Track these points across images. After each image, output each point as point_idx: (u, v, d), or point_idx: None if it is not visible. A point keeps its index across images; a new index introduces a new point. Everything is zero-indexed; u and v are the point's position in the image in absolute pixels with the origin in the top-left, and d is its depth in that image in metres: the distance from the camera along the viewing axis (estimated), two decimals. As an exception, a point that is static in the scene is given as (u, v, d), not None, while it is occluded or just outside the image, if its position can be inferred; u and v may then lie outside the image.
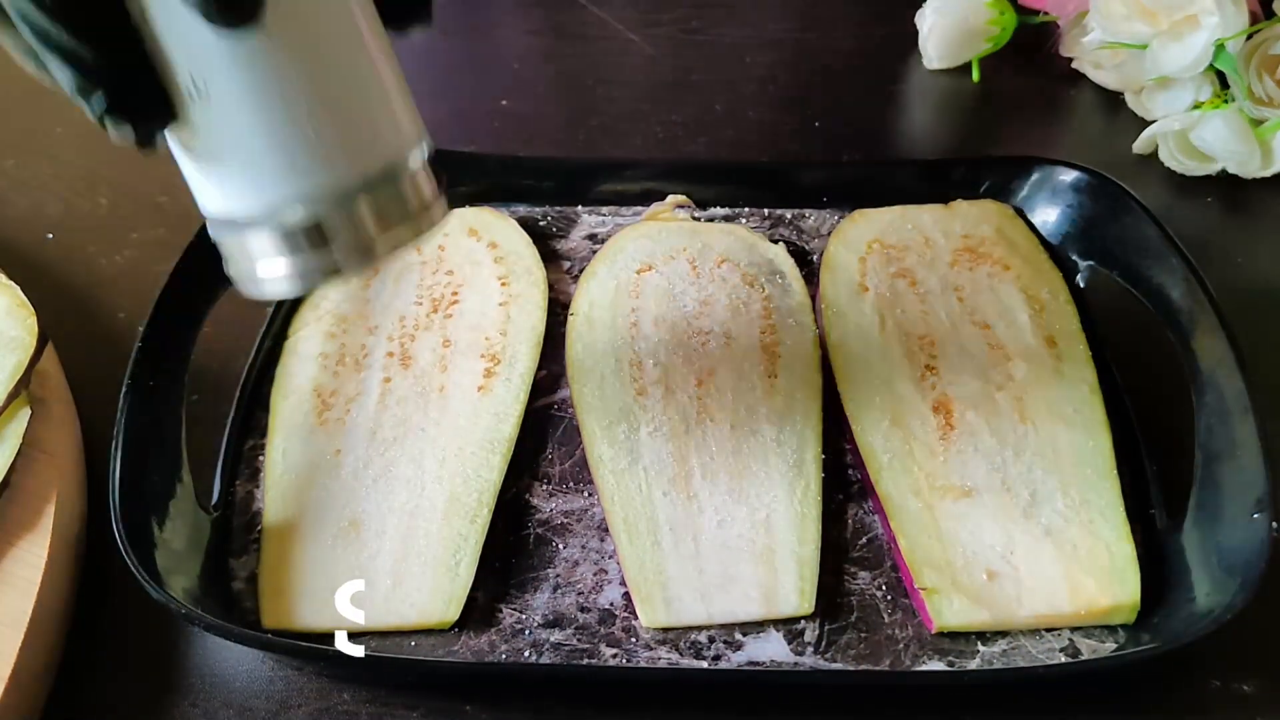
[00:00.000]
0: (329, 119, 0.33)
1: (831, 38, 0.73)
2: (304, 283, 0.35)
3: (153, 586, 0.41)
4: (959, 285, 0.54)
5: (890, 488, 0.47)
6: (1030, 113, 0.68)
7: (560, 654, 0.43)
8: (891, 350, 0.51)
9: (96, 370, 0.52)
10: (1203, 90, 0.63)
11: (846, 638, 0.44)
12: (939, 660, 0.43)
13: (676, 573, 0.44)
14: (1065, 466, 0.47)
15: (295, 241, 0.34)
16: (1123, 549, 0.45)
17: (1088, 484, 0.46)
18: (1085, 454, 0.47)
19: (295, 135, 0.33)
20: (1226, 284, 0.51)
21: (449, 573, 0.45)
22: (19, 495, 0.45)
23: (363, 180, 0.34)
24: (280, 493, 0.47)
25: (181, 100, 0.33)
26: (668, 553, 0.45)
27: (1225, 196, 0.62)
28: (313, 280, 0.36)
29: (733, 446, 0.48)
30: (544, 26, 0.74)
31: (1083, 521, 0.45)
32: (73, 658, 0.44)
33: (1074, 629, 0.44)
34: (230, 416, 0.50)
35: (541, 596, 0.45)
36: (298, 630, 0.44)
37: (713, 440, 0.48)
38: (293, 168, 0.33)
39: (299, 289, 0.36)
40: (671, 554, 0.45)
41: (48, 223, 0.61)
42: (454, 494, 0.47)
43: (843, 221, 0.57)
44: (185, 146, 0.35)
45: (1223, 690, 0.43)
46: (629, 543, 0.45)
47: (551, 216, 0.59)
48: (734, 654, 0.43)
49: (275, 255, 0.35)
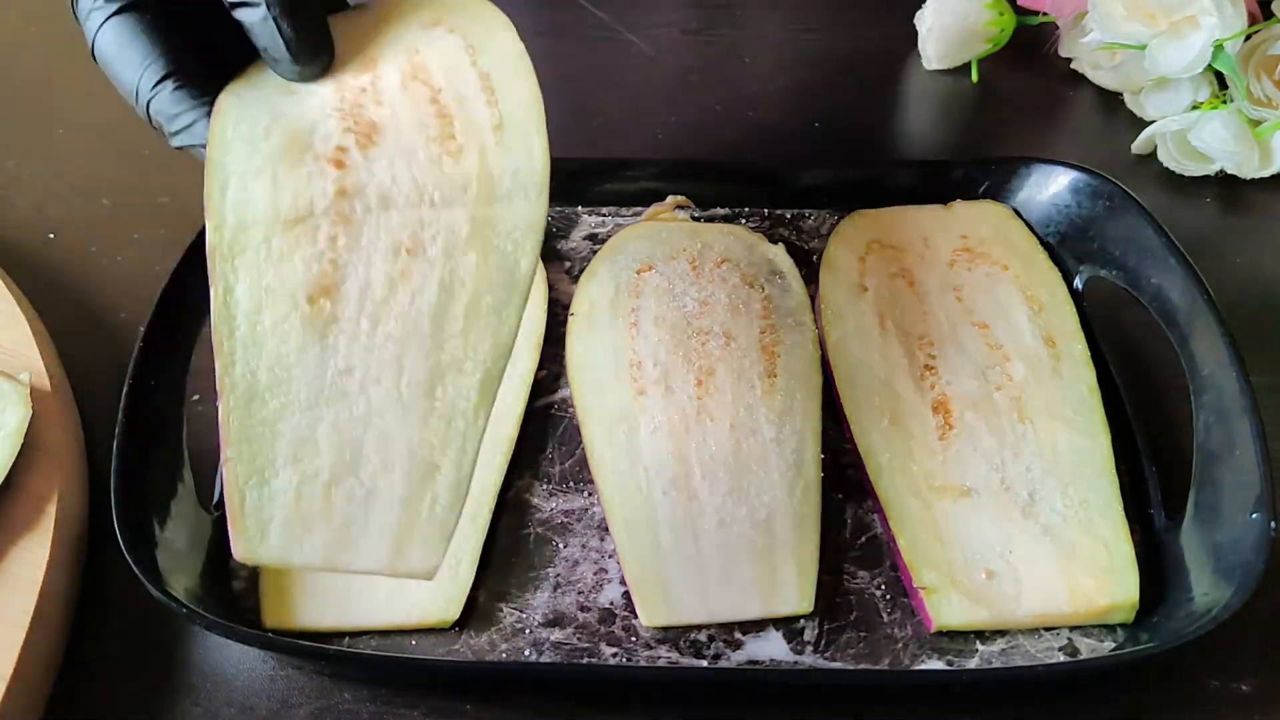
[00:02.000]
0: None
1: (831, 38, 0.73)
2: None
3: (154, 586, 0.41)
4: (958, 285, 0.54)
5: (889, 487, 0.47)
6: (1029, 113, 0.68)
7: (561, 653, 0.44)
8: (891, 350, 0.51)
9: (98, 370, 0.52)
10: (1201, 91, 0.63)
11: (846, 637, 0.44)
12: (938, 659, 0.43)
13: (676, 572, 0.45)
14: (1064, 466, 0.47)
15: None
16: (1121, 548, 0.45)
17: (1086, 484, 0.46)
18: (1084, 454, 0.47)
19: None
20: (1225, 284, 0.51)
21: (449, 572, 0.45)
22: (20, 494, 0.45)
23: None
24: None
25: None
26: (668, 552, 0.45)
27: (1224, 197, 0.62)
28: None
29: (732, 446, 0.48)
30: (544, 27, 0.74)
31: (1081, 521, 0.45)
32: (74, 656, 0.45)
33: (1073, 628, 0.44)
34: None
35: (542, 596, 0.45)
36: (298, 629, 0.44)
37: (712, 440, 0.48)
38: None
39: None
40: (671, 553, 0.45)
41: (49, 223, 0.61)
42: None
43: (842, 222, 0.57)
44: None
45: (1221, 689, 0.43)
46: (629, 542, 0.45)
47: (552, 216, 0.59)
48: (734, 653, 0.43)
49: None
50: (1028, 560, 0.44)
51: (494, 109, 0.42)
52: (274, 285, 0.39)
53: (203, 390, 0.52)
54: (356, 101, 0.42)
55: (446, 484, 0.37)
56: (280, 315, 0.38)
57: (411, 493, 0.37)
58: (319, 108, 0.42)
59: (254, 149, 0.40)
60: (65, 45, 0.73)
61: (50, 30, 0.74)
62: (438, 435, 0.38)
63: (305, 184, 0.40)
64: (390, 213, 0.40)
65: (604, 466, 0.48)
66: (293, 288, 0.39)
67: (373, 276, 0.39)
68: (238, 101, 0.41)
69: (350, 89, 0.42)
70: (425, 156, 0.41)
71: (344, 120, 0.41)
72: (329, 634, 0.44)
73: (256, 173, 0.40)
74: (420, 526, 0.37)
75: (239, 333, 0.38)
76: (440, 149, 0.42)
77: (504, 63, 0.43)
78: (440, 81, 0.43)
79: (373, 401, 0.38)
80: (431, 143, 0.42)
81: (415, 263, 0.40)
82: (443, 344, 0.39)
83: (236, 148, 0.40)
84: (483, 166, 0.41)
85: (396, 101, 0.42)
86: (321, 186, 0.40)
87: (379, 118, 0.42)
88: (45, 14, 0.75)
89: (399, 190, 0.41)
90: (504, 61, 0.43)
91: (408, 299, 0.39)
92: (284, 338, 0.38)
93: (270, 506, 0.36)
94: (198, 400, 0.51)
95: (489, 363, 0.38)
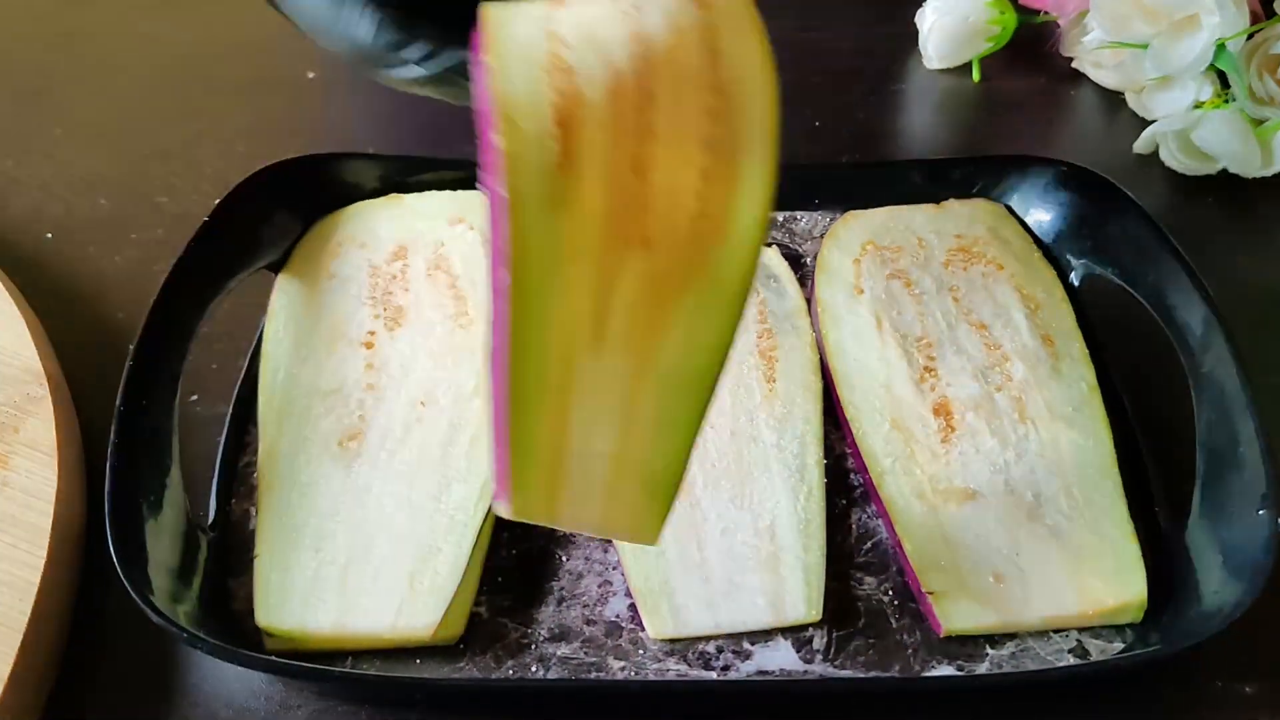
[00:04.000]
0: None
1: (831, 38, 0.73)
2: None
3: (153, 611, 0.40)
4: (954, 286, 0.54)
5: (893, 492, 0.46)
6: (1031, 112, 0.68)
7: (567, 668, 0.43)
8: (889, 353, 0.51)
9: (96, 370, 0.52)
10: (1203, 90, 0.63)
11: (855, 644, 0.44)
12: (948, 664, 0.43)
13: (682, 582, 0.44)
14: (1067, 467, 0.47)
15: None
16: (1128, 548, 0.45)
17: (1090, 484, 0.46)
18: (1086, 453, 0.47)
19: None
20: (1226, 283, 0.51)
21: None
22: (18, 495, 0.45)
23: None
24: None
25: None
26: (673, 562, 0.45)
27: (1226, 196, 0.62)
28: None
29: (734, 453, 0.48)
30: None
31: (1087, 521, 0.45)
32: (72, 658, 0.44)
33: (1082, 629, 0.44)
34: (224, 432, 0.50)
35: (546, 610, 0.45)
36: (291, 632, 0.43)
37: (713, 447, 0.48)
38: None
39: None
40: (676, 563, 0.45)
41: (47, 223, 0.61)
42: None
43: (835, 223, 0.57)
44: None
45: (1225, 690, 0.43)
46: (633, 553, 0.45)
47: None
48: (743, 664, 0.43)
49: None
50: (1035, 562, 0.44)
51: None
52: (310, 436, 0.48)
53: (198, 391, 0.52)
54: (388, 290, 0.53)
55: (446, 561, 0.44)
56: (313, 456, 0.47)
57: (414, 569, 0.44)
58: (356, 296, 0.52)
59: (299, 343, 0.51)
60: (65, 45, 0.73)
61: (50, 30, 0.74)
62: (441, 527, 0.45)
63: (340, 365, 0.50)
64: (409, 376, 0.49)
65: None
66: (325, 436, 0.48)
67: (393, 423, 0.48)
68: (286, 301, 0.52)
69: (384, 276, 0.53)
70: (442, 331, 0.51)
71: (375, 308, 0.52)
72: (330, 652, 0.43)
73: (302, 361, 0.50)
74: (421, 594, 0.43)
75: (279, 468, 0.47)
76: (454, 324, 0.51)
77: None
78: (459, 270, 0.53)
79: (386, 508, 0.45)
80: (447, 319, 0.51)
81: (429, 411, 0.48)
82: (449, 463, 0.47)
83: (288, 344, 0.51)
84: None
85: (421, 289, 0.53)
86: (354, 364, 0.50)
87: (405, 303, 0.52)
88: (45, 14, 0.75)
89: (418, 360, 0.50)
90: None
91: (421, 436, 0.48)
92: (315, 471, 0.47)
93: (291, 586, 0.44)
94: (195, 400, 0.51)
95: (488, 473, 0.45)
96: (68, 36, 0.73)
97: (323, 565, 0.44)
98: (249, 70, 0.70)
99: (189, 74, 0.71)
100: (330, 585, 0.43)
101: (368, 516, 0.45)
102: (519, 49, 0.34)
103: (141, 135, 0.66)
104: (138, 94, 0.69)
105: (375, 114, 0.66)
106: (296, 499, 0.46)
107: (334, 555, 0.44)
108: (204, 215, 0.52)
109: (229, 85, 0.70)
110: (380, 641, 0.43)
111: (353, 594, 0.43)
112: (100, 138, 0.66)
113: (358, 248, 0.55)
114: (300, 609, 0.43)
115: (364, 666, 0.43)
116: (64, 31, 0.74)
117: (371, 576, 0.44)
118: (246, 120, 0.67)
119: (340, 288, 0.53)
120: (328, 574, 0.44)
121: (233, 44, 0.72)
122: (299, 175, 0.56)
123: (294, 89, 0.70)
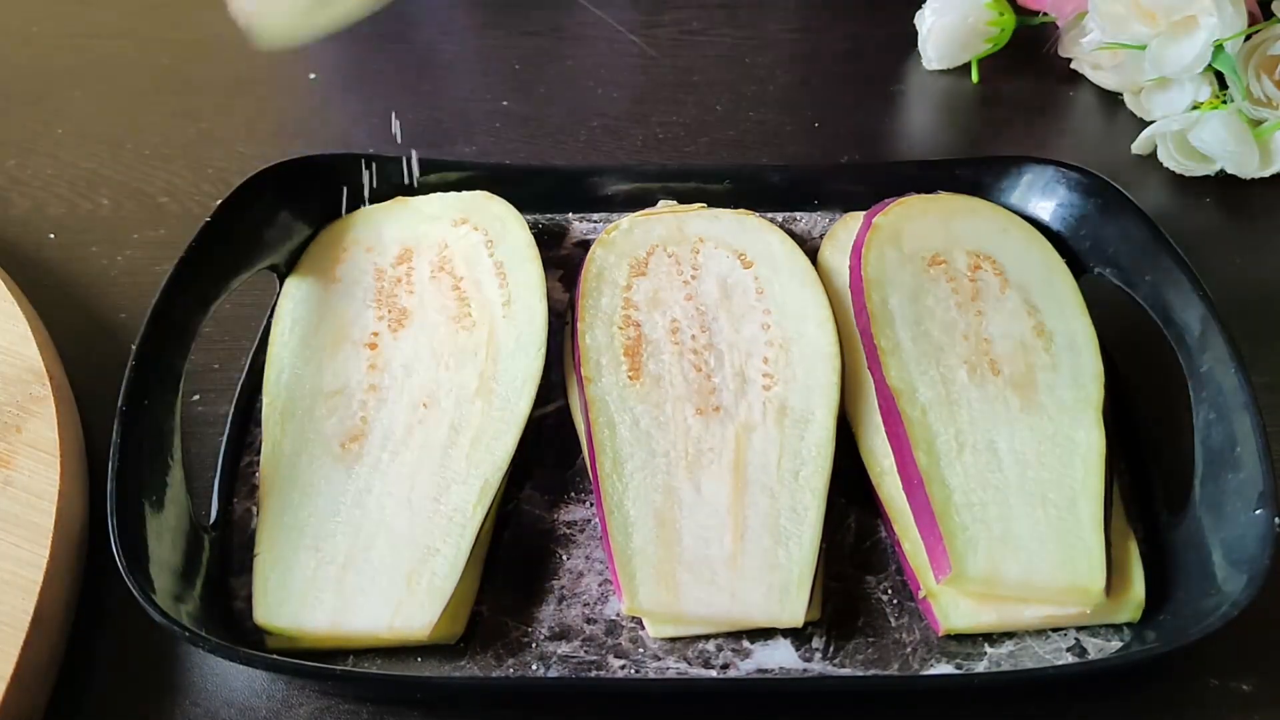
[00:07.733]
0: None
1: (831, 38, 0.73)
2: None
3: (155, 611, 0.40)
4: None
5: (893, 491, 0.47)
6: (1029, 113, 0.68)
7: (568, 666, 0.43)
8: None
9: (98, 370, 0.52)
10: (1201, 91, 0.63)
11: (854, 642, 0.44)
12: (947, 663, 0.43)
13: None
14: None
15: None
16: (1126, 546, 0.45)
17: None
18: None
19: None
20: (1225, 284, 0.51)
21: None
22: (20, 495, 0.45)
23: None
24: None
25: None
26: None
27: (1224, 197, 0.62)
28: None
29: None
30: (544, 27, 0.74)
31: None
32: (74, 656, 0.44)
33: (1080, 628, 0.44)
34: (225, 432, 0.50)
35: (547, 609, 0.45)
36: (293, 633, 0.43)
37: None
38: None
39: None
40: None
41: (49, 223, 0.61)
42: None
43: (834, 225, 0.57)
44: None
45: (1221, 689, 0.43)
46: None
47: (543, 224, 0.59)
48: (742, 662, 0.43)
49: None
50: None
51: (505, 289, 0.52)
52: (313, 437, 0.48)
53: (200, 391, 0.52)
54: (393, 292, 0.53)
55: (444, 562, 0.44)
56: (315, 456, 0.47)
57: (412, 569, 0.44)
58: (361, 299, 0.53)
59: (304, 345, 0.51)
60: (65, 45, 0.73)
61: (50, 30, 0.74)
62: (439, 528, 0.45)
63: (344, 366, 0.50)
64: (412, 378, 0.50)
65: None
66: (328, 438, 0.48)
67: (394, 425, 0.48)
68: (291, 305, 0.53)
69: (389, 279, 0.54)
70: (445, 332, 0.51)
71: (379, 309, 0.52)
72: (331, 650, 0.44)
73: (305, 362, 0.50)
74: (418, 594, 0.43)
75: (281, 468, 0.47)
76: (457, 325, 0.52)
77: (515, 251, 0.54)
78: (462, 271, 0.54)
79: (386, 509, 0.46)
80: (451, 320, 0.52)
81: (431, 412, 0.49)
82: (449, 465, 0.47)
83: (293, 345, 0.51)
84: (492, 335, 0.51)
85: (425, 290, 0.53)
86: (357, 365, 0.50)
87: (409, 305, 0.53)
88: (45, 14, 0.75)
89: (420, 361, 0.50)
90: (515, 250, 0.54)
91: (422, 437, 0.48)
92: (316, 471, 0.47)
93: (290, 584, 0.44)
94: (197, 400, 0.51)
95: (488, 474, 0.46)
96: (69, 37, 0.73)
97: (321, 565, 0.44)
98: (250, 71, 0.71)
99: (190, 74, 0.71)
100: (328, 584, 0.44)
101: (368, 517, 0.45)
102: (602, 315, 0.51)
103: (143, 136, 0.66)
104: (140, 95, 0.69)
105: (375, 114, 0.66)
106: (298, 499, 0.46)
107: (333, 555, 0.44)
108: (206, 215, 0.52)
109: (230, 85, 0.70)
110: (377, 641, 0.43)
111: (350, 593, 0.43)
112: (102, 138, 0.66)
113: (364, 251, 0.55)
114: (297, 608, 0.43)
115: (365, 665, 0.43)
116: (65, 32, 0.74)
117: (370, 576, 0.44)
118: (248, 120, 0.67)
119: (346, 291, 0.53)
120: (326, 573, 0.44)
121: (234, 44, 0.72)
122: (300, 176, 0.56)
123: (294, 89, 0.70)
